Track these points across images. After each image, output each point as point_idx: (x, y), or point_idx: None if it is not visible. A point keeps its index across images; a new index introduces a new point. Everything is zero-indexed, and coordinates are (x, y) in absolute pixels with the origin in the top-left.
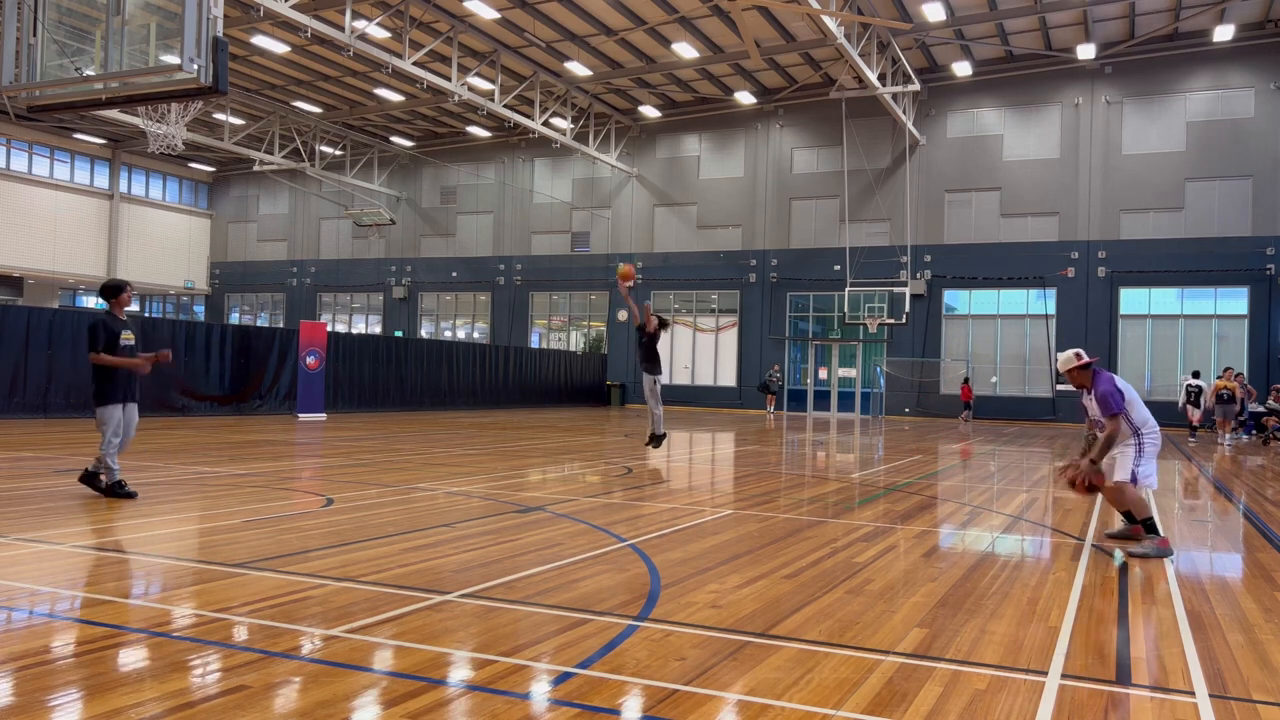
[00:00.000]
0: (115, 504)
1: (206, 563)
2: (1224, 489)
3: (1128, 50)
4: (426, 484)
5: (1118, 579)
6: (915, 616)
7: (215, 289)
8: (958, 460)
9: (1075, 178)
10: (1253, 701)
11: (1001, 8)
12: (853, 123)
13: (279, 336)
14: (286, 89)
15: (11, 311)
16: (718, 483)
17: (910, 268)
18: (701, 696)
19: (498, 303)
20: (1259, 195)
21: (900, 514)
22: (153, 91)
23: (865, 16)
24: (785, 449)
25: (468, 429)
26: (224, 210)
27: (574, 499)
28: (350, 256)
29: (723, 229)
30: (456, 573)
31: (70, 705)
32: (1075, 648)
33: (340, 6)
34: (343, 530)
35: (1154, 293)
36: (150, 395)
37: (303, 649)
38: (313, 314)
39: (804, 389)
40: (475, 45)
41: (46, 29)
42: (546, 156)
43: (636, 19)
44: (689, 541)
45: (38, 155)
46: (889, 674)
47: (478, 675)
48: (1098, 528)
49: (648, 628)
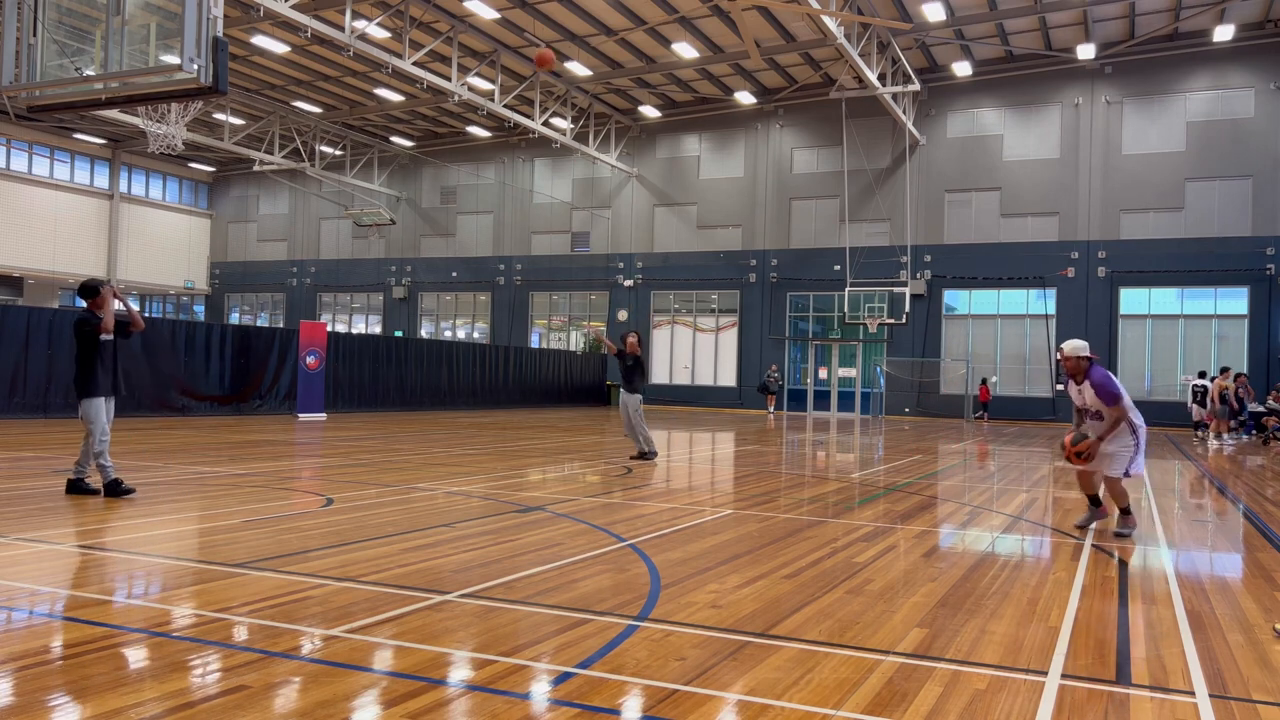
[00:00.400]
0: (114, 504)
1: (206, 563)
2: (1224, 489)
3: (1128, 50)
4: (426, 484)
5: (1118, 579)
6: (915, 616)
7: (215, 289)
8: (958, 460)
9: (1075, 178)
10: (1253, 701)
11: (1001, 8)
12: (853, 123)
13: (279, 336)
14: (286, 89)
15: (11, 311)
16: (718, 483)
17: (910, 268)
18: (701, 696)
19: (498, 303)
20: (1259, 195)
21: (900, 514)
22: (153, 91)
23: (865, 16)
24: (785, 449)
25: (468, 429)
26: (224, 210)
27: (574, 499)
28: (350, 256)
29: (723, 229)
30: (456, 573)
31: (70, 705)
32: (1075, 648)
33: (340, 6)
34: (342, 530)
35: (1154, 293)
36: (150, 395)
37: (303, 649)
38: (313, 314)
39: (804, 389)
40: (475, 45)
41: (46, 29)
42: (546, 156)
43: (636, 19)
44: (689, 541)
45: (38, 155)
46: (889, 674)
47: (478, 675)
48: (1097, 528)
49: (648, 628)
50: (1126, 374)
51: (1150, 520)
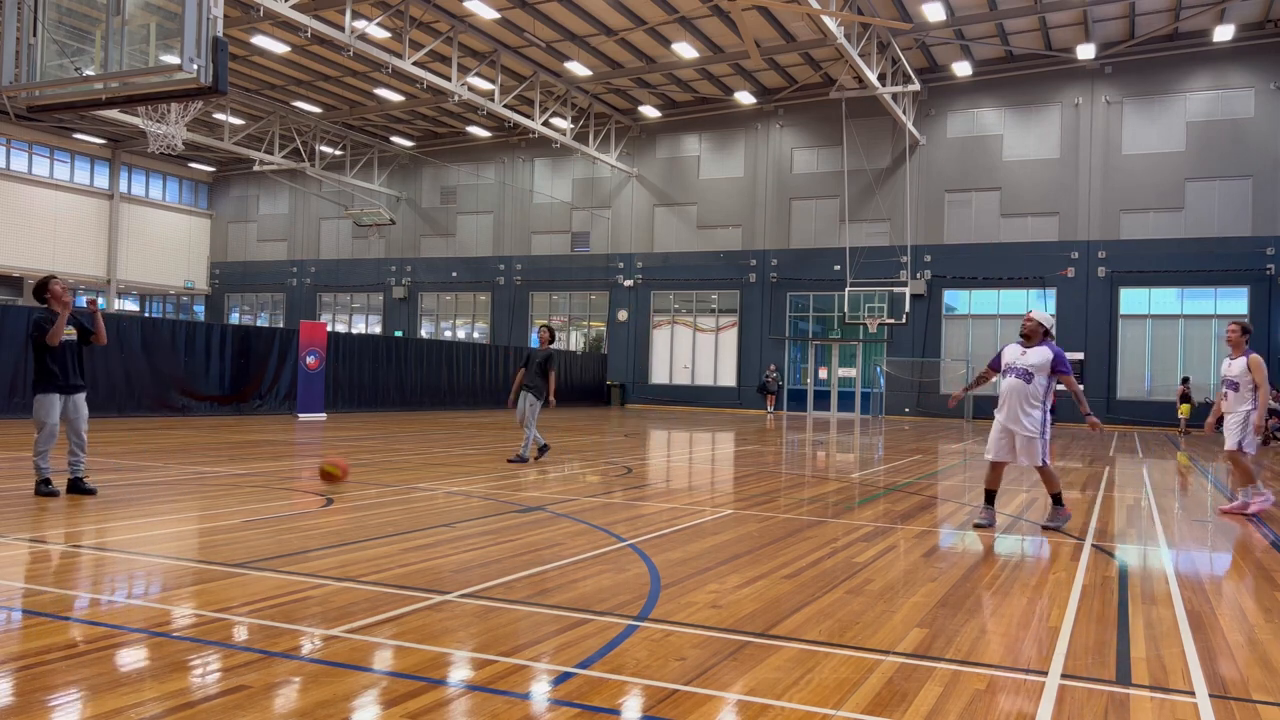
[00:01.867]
0: (113, 503)
1: (206, 563)
2: (1224, 489)
3: (1128, 50)
4: (426, 484)
5: (1118, 579)
6: (915, 616)
7: (215, 289)
8: (958, 460)
9: (1075, 178)
10: (1253, 701)
11: (1001, 8)
12: (853, 123)
13: (279, 336)
14: (286, 89)
15: (11, 311)
16: (718, 483)
17: (910, 268)
18: (701, 696)
19: (498, 303)
20: (1259, 195)
21: (900, 514)
22: (153, 91)
23: (865, 16)
24: (785, 449)
25: (468, 429)
26: (224, 210)
27: (574, 499)
28: (350, 256)
29: (723, 229)
30: (456, 573)
31: (70, 705)
32: (1075, 648)
33: (340, 6)
34: (342, 530)
35: (1154, 293)
36: (150, 395)
37: (303, 649)
38: (313, 314)
39: (804, 389)
40: (475, 45)
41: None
42: (546, 156)
43: (636, 19)
44: (689, 541)
45: (38, 155)
46: (889, 674)
47: (478, 675)
48: (1098, 528)
49: (648, 628)
50: (1126, 374)
51: (1151, 520)
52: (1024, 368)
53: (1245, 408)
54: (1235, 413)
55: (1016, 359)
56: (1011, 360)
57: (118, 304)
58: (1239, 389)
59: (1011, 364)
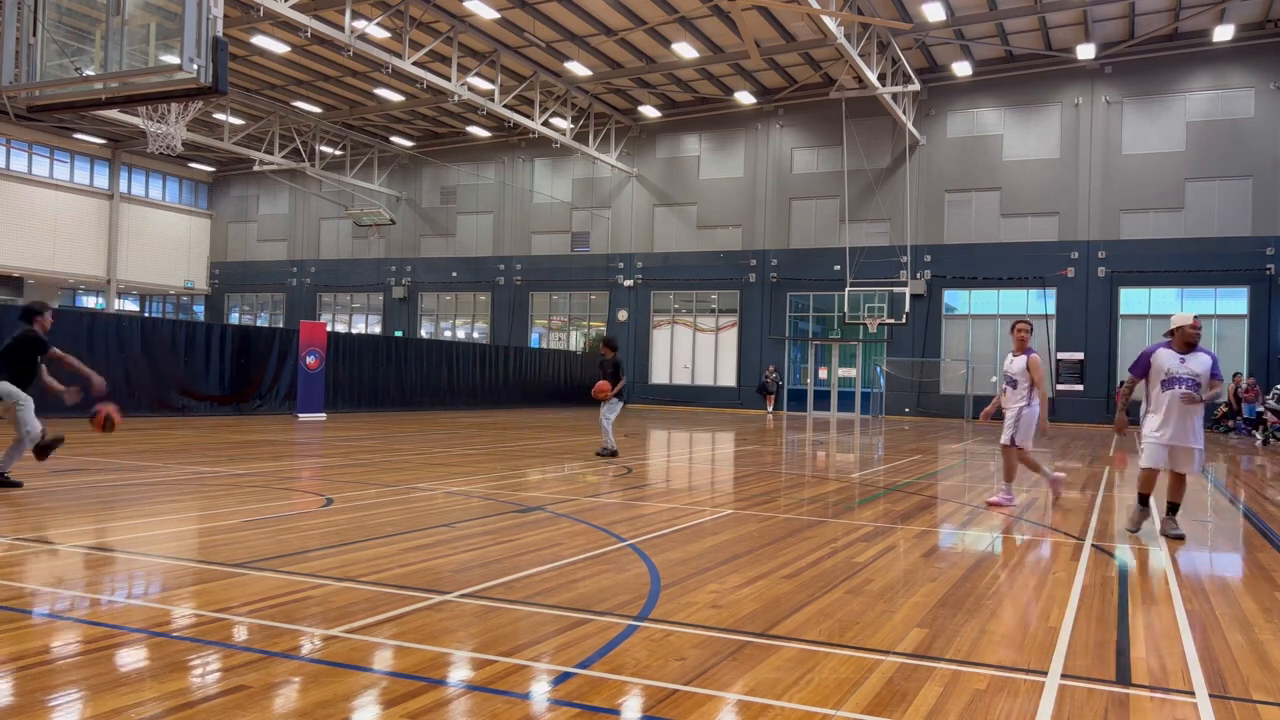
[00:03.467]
0: (112, 503)
1: (206, 563)
2: (1224, 489)
3: (1128, 50)
4: (426, 484)
5: (1118, 579)
6: (915, 616)
7: (215, 289)
8: (958, 460)
9: (1075, 178)
10: (1253, 701)
11: (1001, 8)
12: (853, 123)
13: (279, 336)
14: (286, 89)
15: (11, 311)
16: (717, 483)
17: (910, 268)
18: (701, 696)
19: (498, 303)
20: (1259, 195)
21: (900, 514)
22: (153, 91)
23: (865, 16)
24: (785, 449)
25: (468, 429)
26: (224, 210)
27: (574, 499)
28: (350, 256)
29: (723, 229)
30: (456, 573)
31: (70, 705)
32: (1075, 648)
33: (340, 6)
34: (342, 530)
35: (1154, 293)
36: (150, 395)
37: (303, 649)
38: (313, 314)
39: (804, 389)
40: (475, 45)
41: (46, 29)
42: (546, 156)
43: (636, 19)
44: (689, 541)
45: (38, 155)
46: (889, 674)
47: (478, 675)
48: (1097, 527)
49: (648, 628)
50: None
51: (1151, 520)
52: (1192, 378)
53: (1020, 404)
54: (1010, 408)
55: (1177, 368)
56: (1173, 369)
57: (118, 304)
58: (1017, 386)
59: (1175, 374)
